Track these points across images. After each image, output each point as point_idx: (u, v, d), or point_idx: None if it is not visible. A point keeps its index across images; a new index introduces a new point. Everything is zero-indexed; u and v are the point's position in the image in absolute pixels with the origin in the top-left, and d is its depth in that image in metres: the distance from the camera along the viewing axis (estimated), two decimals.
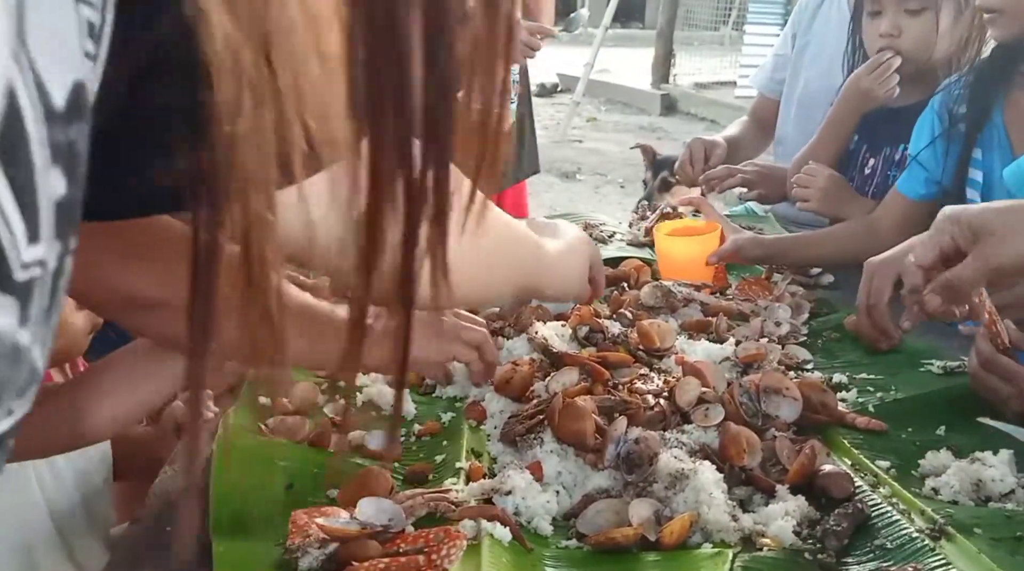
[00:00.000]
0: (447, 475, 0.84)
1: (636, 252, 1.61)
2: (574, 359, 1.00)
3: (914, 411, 0.97)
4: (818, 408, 0.94)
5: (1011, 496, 0.80)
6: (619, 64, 10.45)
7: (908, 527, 0.75)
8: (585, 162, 6.42)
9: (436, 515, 0.76)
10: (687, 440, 0.87)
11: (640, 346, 1.08)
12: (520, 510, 0.77)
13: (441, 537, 0.68)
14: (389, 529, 0.69)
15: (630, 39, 13.21)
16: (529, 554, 0.72)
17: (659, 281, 1.33)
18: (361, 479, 0.78)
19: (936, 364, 1.08)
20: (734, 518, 0.75)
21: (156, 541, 0.73)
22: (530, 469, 0.81)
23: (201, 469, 0.82)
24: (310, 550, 0.67)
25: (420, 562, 0.66)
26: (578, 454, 0.84)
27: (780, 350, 1.11)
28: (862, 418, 0.95)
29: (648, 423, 0.89)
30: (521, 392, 0.96)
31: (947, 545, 0.72)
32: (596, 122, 8.43)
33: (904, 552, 0.72)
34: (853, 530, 0.75)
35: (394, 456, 0.87)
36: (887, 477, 0.84)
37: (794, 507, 0.77)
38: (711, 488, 0.77)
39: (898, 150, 1.51)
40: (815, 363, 1.12)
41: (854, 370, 1.09)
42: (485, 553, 0.69)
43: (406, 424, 0.97)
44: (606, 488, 0.81)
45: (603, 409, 0.89)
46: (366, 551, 0.67)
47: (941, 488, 0.81)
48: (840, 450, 0.90)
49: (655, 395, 0.95)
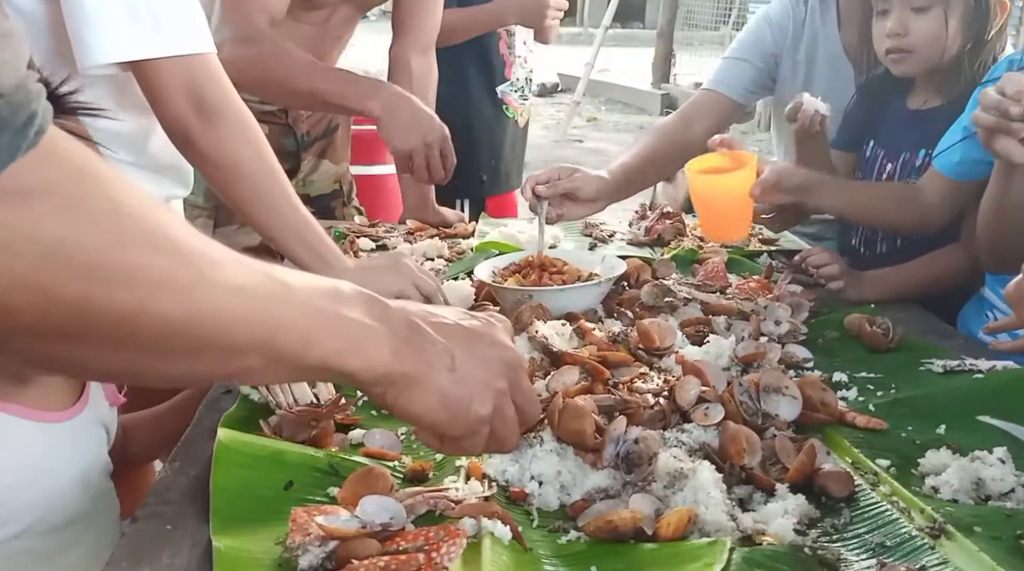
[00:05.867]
0: (447, 473, 0.84)
1: (636, 251, 1.61)
2: (574, 358, 1.00)
3: (914, 410, 0.97)
4: (818, 407, 0.94)
5: (1011, 495, 0.80)
6: (619, 64, 10.47)
7: (908, 525, 0.75)
8: (585, 162, 6.39)
9: (436, 513, 0.76)
10: (687, 439, 0.87)
11: (640, 345, 1.08)
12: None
13: (441, 535, 0.68)
14: (390, 527, 0.69)
15: (630, 39, 13.22)
16: (528, 552, 0.72)
17: (659, 280, 1.33)
18: (361, 477, 0.78)
19: (936, 363, 1.08)
20: (732, 517, 0.76)
21: (156, 541, 0.73)
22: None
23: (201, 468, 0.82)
24: (310, 548, 0.67)
25: (420, 560, 0.66)
26: (577, 453, 0.84)
27: (780, 349, 1.11)
28: (862, 417, 0.95)
29: (648, 422, 0.89)
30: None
31: (947, 543, 0.72)
32: (596, 122, 8.43)
33: (904, 550, 0.72)
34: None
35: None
36: (887, 475, 0.84)
37: (794, 506, 0.77)
38: (709, 487, 0.77)
39: (918, 155, 1.45)
40: (815, 362, 1.12)
41: (854, 369, 1.09)
42: (485, 551, 0.69)
43: (407, 423, 0.97)
44: (605, 487, 0.81)
45: (603, 408, 0.89)
46: (366, 549, 0.67)
47: (941, 487, 0.81)
48: (840, 449, 0.90)
49: (655, 394, 0.95)
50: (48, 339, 0.48)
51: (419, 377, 0.64)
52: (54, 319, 0.46)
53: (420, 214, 1.88)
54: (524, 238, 1.57)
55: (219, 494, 0.77)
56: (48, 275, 0.45)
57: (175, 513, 0.77)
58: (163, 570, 0.69)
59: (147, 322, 0.49)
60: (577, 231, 1.76)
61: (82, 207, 0.46)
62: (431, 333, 0.66)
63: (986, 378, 1.03)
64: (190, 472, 0.83)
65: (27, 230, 0.44)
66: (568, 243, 1.63)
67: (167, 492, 0.80)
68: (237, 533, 0.72)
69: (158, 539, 0.73)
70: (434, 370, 0.65)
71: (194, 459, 0.85)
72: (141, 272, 0.48)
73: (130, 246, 0.48)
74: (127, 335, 0.49)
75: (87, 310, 0.46)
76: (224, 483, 0.78)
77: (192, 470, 0.83)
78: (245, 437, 0.86)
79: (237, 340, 0.54)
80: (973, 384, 1.02)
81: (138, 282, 0.48)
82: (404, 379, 0.63)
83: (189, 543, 0.72)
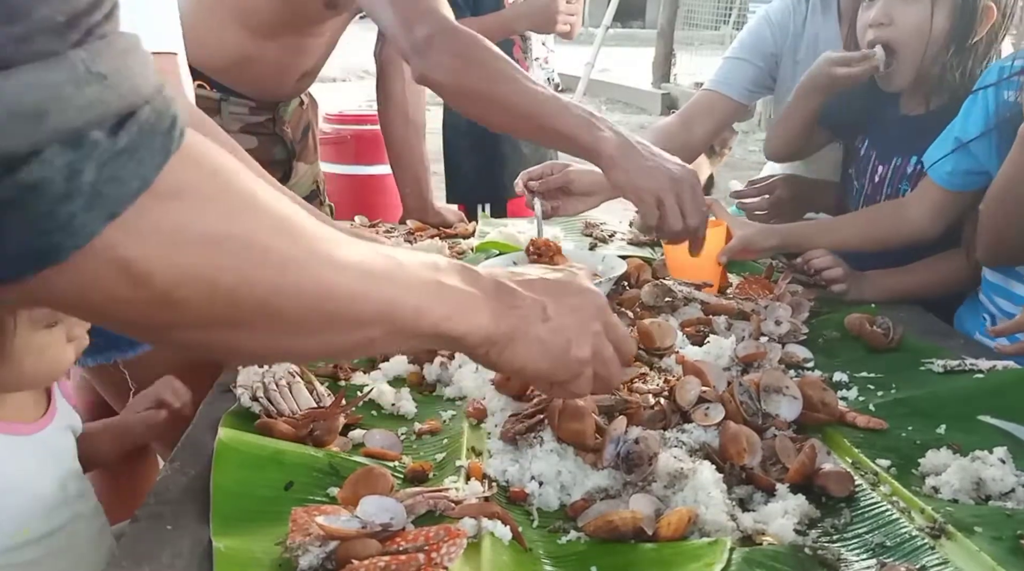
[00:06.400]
0: (447, 473, 0.84)
1: (636, 251, 1.61)
2: None
3: (914, 410, 0.97)
4: (818, 407, 0.94)
5: (1011, 495, 0.80)
6: (620, 64, 10.46)
7: (908, 525, 0.75)
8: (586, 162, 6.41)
9: (436, 513, 0.76)
10: (687, 439, 0.87)
11: (640, 345, 1.08)
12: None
13: (441, 535, 0.68)
14: (390, 528, 0.69)
15: (631, 39, 13.22)
16: (528, 552, 0.72)
17: (659, 280, 1.33)
18: (362, 478, 0.78)
19: (937, 363, 1.08)
20: (732, 517, 0.76)
21: (156, 541, 0.73)
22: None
23: (201, 468, 0.82)
24: (310, 548, 0.67)
25: (420, 560, 0.66)
26: (578, 453, 0.84)
27: (780, 349, 1.11)
28: (862, 417, 0.95)
29: (648, 422, 0.89)
30: (521, 391, 0.96)
31: (947, 543, 0.72)
32: None
33: (904, 550, 0.72)
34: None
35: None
36: (887, 476, 0.84)
37: (794, 506, 0.77)
38: (709, 488, 0.77)
39: (909, 162, 1.45)
40: (815, 362, 1.12)
41: (854, 369, 1.09)
42: (485, 551, 0.69)
43: (406, 423, 0.97)
44: (605, 487, 0.81)
45: (603, 408, 0.89)
46: (366, 549, 0.67)
47: (941, 487, 0.81)
48: (840, 449, 0.90)
49: (655, 394, 0.95)
50: (208, 328, 0.52)
51: (517, 333, 0.70)
52: (214, 308, 0.51)
53: (420, 214, 1.88)
54: (524, 238, 1.57)
55: (219, 494, 0.77)
56: (209, 266, 0.49)
57: (175, 513, 0.76)
58: (163, 570, 0.69)
59: (285, 302, 0.54)
60: (577, 231, 1.76)
61: (226, 201, 0.51)
62: (520, 290, 0.72)
63: (986, 378, 1.03)
64: (190, 472, 0.83)
65: (186, 226, 0.48)
66: (568, 243, 1.63)
67: (167, 492, 0.80)
68: (237, 533, 0.72)
69: (158, 539, 0.73)
70: (529, 324, 0.71)
71: (194, 459, 0.85)
72: (279, 256, 0.53)
73: (268, 233, 0.53)
74: (271, 315, 0.54)
75: (240, 295, 0.51)
76: (224, 483, 0.78)
77: (192, 470, 0.83)
78: (245, 437, 0.86)
79: (362, 314, 0.59)
80: (973, 384, 1.02)
81: (278, 265, 0.53)
82: (504, 337, 0.70)
83: (189, 543, 0.72)
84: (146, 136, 0.45)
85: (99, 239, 0.45)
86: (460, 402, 1.01)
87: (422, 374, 1.07)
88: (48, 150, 0.42)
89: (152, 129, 0.46)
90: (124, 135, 0.44)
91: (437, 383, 1.06)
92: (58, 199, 0.43)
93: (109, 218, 0.45)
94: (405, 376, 1.08)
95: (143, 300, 0.48)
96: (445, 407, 1.01)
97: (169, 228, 0.47)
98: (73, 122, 0.43)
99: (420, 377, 1.07)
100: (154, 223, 0.46)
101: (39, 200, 0.42)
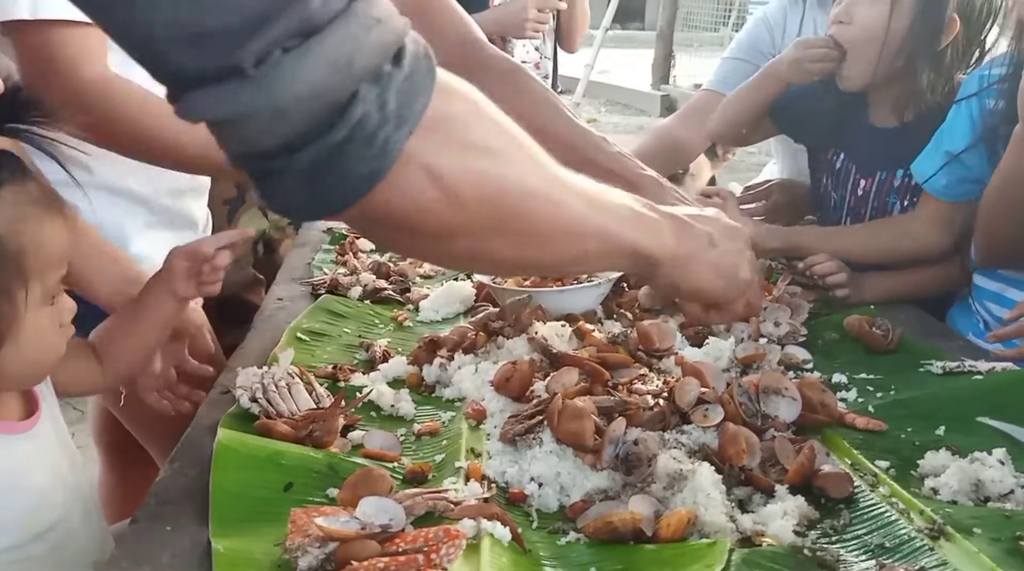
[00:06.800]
0: (447, 474, 0.84)
1: None
2: (574, 359, 1.00)
3: (913, 411, 0.97)
4: (817, 408, 0.94)
5: (1010, 496, 0.80)
6: (619, 65, 10.46)
7: (907, 527, 0.75)
8: None
9: (435, 515, 0.76)
10: (686, 440, 0.87)
11: (640, 346, 1.08)
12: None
13: (440, 536, 0.68)
14: (389, 529, 0.69)
15: (630, 40, 13.22)
16: (528, 553, 0.72)
17: None
18: (361, 479, 0.78)
19: (936, 364, 1.08)
20: (732, 518, 0.76)
21: (156, 541, 0.73)
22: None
23: (200, 469, 0.82)
24: (309, 550, 0.67)
25: (419, 561, 0.66)
26: (577, 455, 0.84)
27: (780, 350, 1.11)
28: (861, 418, 0.95)
29: (647, 423, 0.89)
30: (520, 392, 0.96)
31: (946, 545, 0.72)
32: (596, 123, 8.43)
33: (903, 551, 0.72)
34: None
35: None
36: (886, 477, 0.84)
37: (793, 507, 0.77)
38: (709, 489, 0.77)
39: (895, 175, 1.44)
40: (814, 363, 1.12)
41: (853, 370, 1.09)
42: (484, 552, 0.69)
43: (406, 424, 0.97)
44: (604, 488, 0.81)
45: (602, 409, 0.89)
46: (365, 551, 0.67)
47: (940, 488, 0.81)
48: (839, 450, 0.90)
49: (654, 395, 0.96)
50: (482, 235, 0.66)
51: (693, 255, 0.84)
52: (493, 210, 0.65)
53: None
54: None
55: (219, 495, 0.77)
56: (490, 172, 0.63)
57: (175, 514, 0.77)
58: (163, 570, 0.69)
59: (540, 208, 0.68)
60: None
61: (490, 118, 0.64)
62: (688, 221, 0.85)
63: (985, 379, 1.03)
64: (189, 473, 0.83)
65: (465, 136, 0.61)
66: None
67: (167, 492, 0.80)
68: (237, 534, 0.72)
69: (158, 540, 0.73)
70: (702, 249, 0.85)
71: (194, 460, 0.85)
72: (538, 171, 0.68)
73: (528, 151, 0.67)
74: (531, 221, 0.68)
75: (511, 199, 0.65)
76: (224, 484, 0.79)
77: (191, 471, 0.83)
78: (245, 438, 0.86)
79: (585, 229, 0.74)
80: (972, 385, 1.02)
81: (539, 177, 0.68)
82: (684, 258, 0.83)
83: (188, 544, 0.72)
84: (419, 61, 0.57)
85: (405, 154, 0.56)
86: (459, 403, 1.01)
87: (421, 375, 1.08)
88: (362, 89, 0.53)
89: (419, 55, 0.57)
90: (405, 64, 0.55)
91: (436, 384, 1.06)
92: (377, 126, 0.54)
93: (409, 134, 0.56)
94: (404, 377, 1.08)
95: (444, 203, 0.60)
96: (444, 408, 1.01)
97: (456, 137, 0.60)
98: (372, 61, 0.53)
99: (419, 378, 1.07)
100: (442, 133, 0.58)
101: (364, 132, 0.53)
